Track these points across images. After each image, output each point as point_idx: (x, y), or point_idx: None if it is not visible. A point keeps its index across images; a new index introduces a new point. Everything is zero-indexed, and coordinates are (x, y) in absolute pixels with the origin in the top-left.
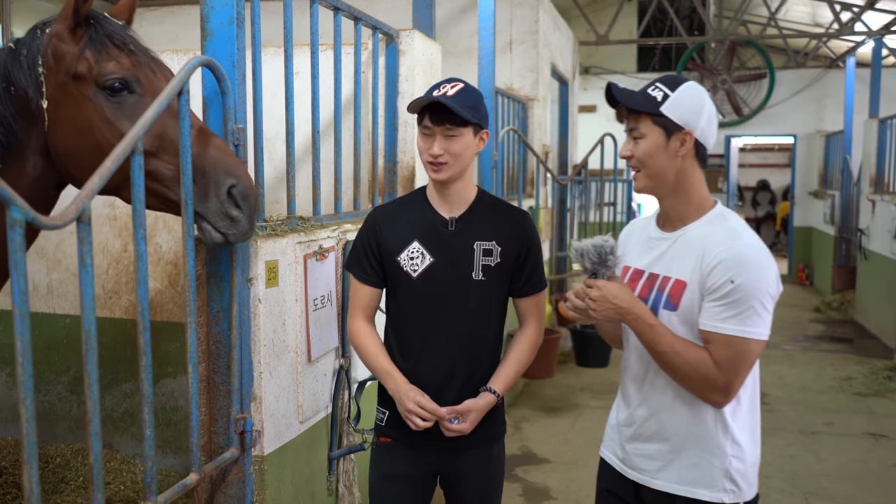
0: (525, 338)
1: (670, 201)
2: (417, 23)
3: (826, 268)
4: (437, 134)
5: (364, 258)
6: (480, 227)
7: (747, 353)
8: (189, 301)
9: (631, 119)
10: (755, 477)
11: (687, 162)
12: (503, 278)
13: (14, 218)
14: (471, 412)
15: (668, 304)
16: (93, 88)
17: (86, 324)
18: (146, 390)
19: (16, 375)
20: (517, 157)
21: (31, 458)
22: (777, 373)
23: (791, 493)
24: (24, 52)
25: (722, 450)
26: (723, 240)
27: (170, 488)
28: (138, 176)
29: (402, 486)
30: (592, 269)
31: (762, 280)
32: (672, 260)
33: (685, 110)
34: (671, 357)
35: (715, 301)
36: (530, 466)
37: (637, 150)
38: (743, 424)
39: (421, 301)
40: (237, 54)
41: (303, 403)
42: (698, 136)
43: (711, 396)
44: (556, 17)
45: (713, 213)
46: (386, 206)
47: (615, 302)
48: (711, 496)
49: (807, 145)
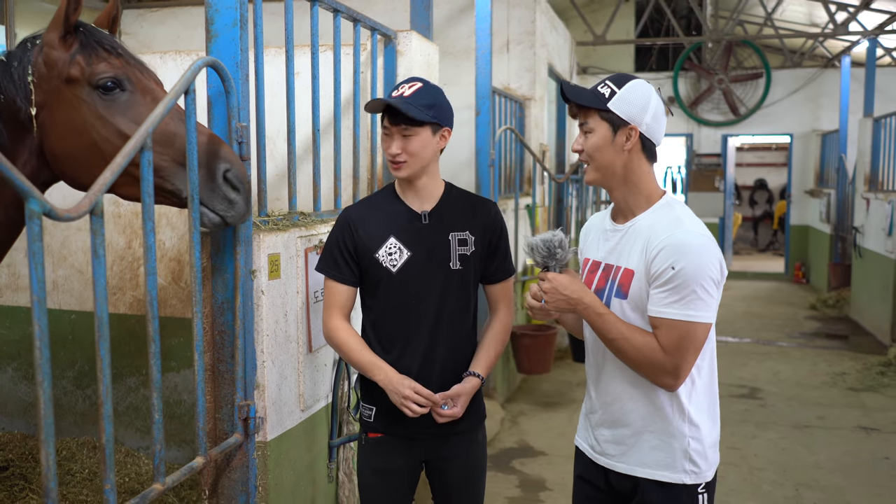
0: (499, 322)
1: (620, 193)
2: (415, 24)
3: (822, 266)
4: (395, 134)
5: (339, 258)
6: (453, 218)
7: (692, 336)
8: (195, 292)
9: (581, 114)
10: (715, 456)
11: (634, 156)
12: (477, 267)
13: (32, 210)
14: (460, 396)
15: (619, 292)
16: (86, 89)
17: (98, 311)
18: (155, 376)
19: (34, 359)
20: (514, 156)
21: (48, 438)
22: (771, 369)
23: (782, 484)
24: (15, 64)
25: (680, 431)
26: (665, 227)
27: (177, 471)
28: (147, 171)
29: (394, 478)
30: (543, 263)
31: (702, 265)
32: (623, 250)
33: (630, 106)
34: (620, 343)
35: (659, 287)
36: (527, 459)
37: (587, 144)
38: (700, 406)
39: (402, 295)
40: (241, 55)
41: (304, 392)
42: (643, 132)
43: (662, 380)
44: (553, 18)
45: (660, 202)
46: (356, 205)
47: (565, 293)
48: (672, 477)
49: (803, 144)
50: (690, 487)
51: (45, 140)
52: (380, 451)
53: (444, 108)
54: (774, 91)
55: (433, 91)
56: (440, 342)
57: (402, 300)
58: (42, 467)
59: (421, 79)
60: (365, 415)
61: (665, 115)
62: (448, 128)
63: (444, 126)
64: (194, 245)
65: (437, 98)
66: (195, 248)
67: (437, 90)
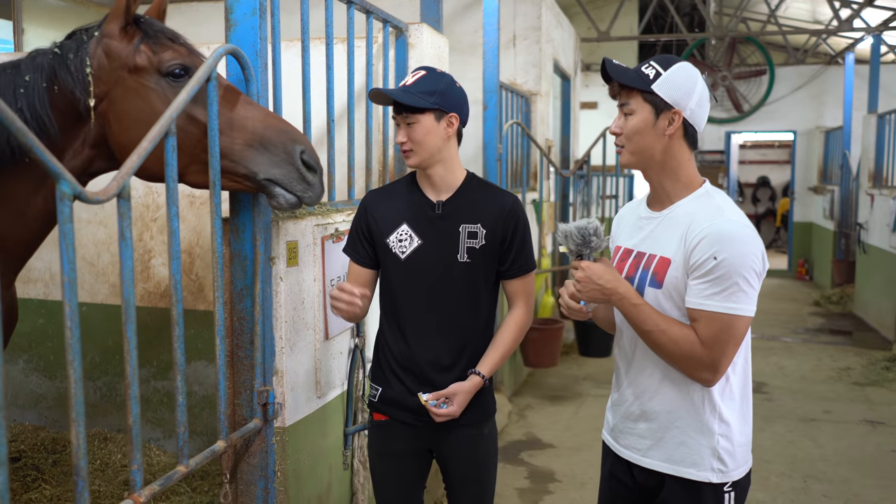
0: (512, 321)
1: (657, 179)
2: (426, 16)
3: (825, 262)
4: (401, 123)
5: (357, 240)
6: (466, 210)
7: (733, 329)
8: (216, 277)
9: (622, 94)
10: (745, 455)
11: (674, 141)
12: (489, 261)
13: (63, 192)
14: (457, 395)
15: (654, 281)
16: (154, 77)
17: (125, 293)
18: (179, 359)
19: (64, 339)
20: (521, 151)
21: (78, 417)
22: (777, 363)
23: (790, 476)
24: (71, 56)
25: (709, 428)
26: (706, 216)
27: (199, 454)
28: (172, 156)
29: (398, 462)
30: (577, 251)
31: (746, 256)
32: (658, 238)
33: (676, 89)
34: (657, 336)
35: (699, 278)
36: (535, 451)
37: (626, 126)
38: (732, 403)
39: (409, 283)
40: (260, 44)
41: (320, 379)
42: (687, 117)
43: (700, 374)
44: (559, 14)
45: (700, 191)
46: (377, 190)
47: (599, 283)
48: (698, 475)
49: (806, 141)
50: (717, 486)
51: (109, 131)
52: (384, 434)
53: (448, 94)
54: (778, 88)
55: (437, 77)
56: (446, 335)
57: (409, 288)
58: (72, 446)
59: (428, 67)
60: (371, 394)
61: (710, 101)
62: (454, 114)
63: (448, 112)
64: (216, 231)
65: (440, 84)
66: (217, 234)
67: (441, 76)
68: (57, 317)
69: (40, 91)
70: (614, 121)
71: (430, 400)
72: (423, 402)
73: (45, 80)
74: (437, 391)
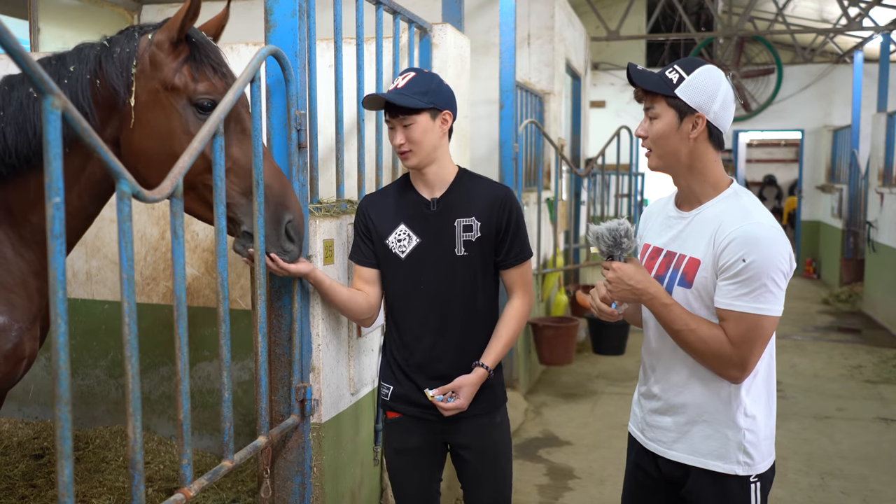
0: (511, 310)
1: (685, 181)
2: (447, 16)
3: (834, 261)
4: (397, 126)
5: (360, 242)
6: (460, 204)
7: (761, 329)
8: (259, 275)
9: (647, 99)
10: (770, 448)
11: (699, 144)
12: (486, 252)
13: (123, 191)
14: (463, 387)
15: (683, 281)
16: (183, 101)
17: (177, 290)
18: (225, 355)
19: (122, 335)
20: (534, 150)
21: (135, 411)
22: (788, 361)
23: (807, 472)
24: (118, 51)
25: (736, 423)
26: (735, 219)
27: (242, 449)
28: (220, 156)
29: (415, 458)
30: (608, 252)
31: (773, 258)
32: (688, 238)
33: (699, 94)
34: (686, 335)
35: (728, 279)
36: (553, 448)
37: (651, 130)
38: (758, 397)
39: (410, 281)
40: (299, 44)
41: (353, 376)
42: (711, 120)
43: (728, 372)
44: (570, 13)
45: (728, 192)
46: (373, 193)
47: (630, 283)
48: (724, 468)
49: (814, 140)
50: (742, 479)
51: (128, 133)
52: (398, 431)
53: (440, 93)
54: (786, 87)
55: (427, 77)
56: (448, 329)
57: (409, 286)
58: (129, 439)
59: (415, 68)
60: (383, 393)
61: (734, 102)
62: (448, 111)
63: (442, 110)
64: (258, 229)
65: (432, 83)
66: (259, 231)
67: (431, 76)
68: (78, 315)
69: (83, 82)
70: (640, 124)
71: (437, 395)
72: (430, 398)
73: (88, 72)
74: (443, 386)
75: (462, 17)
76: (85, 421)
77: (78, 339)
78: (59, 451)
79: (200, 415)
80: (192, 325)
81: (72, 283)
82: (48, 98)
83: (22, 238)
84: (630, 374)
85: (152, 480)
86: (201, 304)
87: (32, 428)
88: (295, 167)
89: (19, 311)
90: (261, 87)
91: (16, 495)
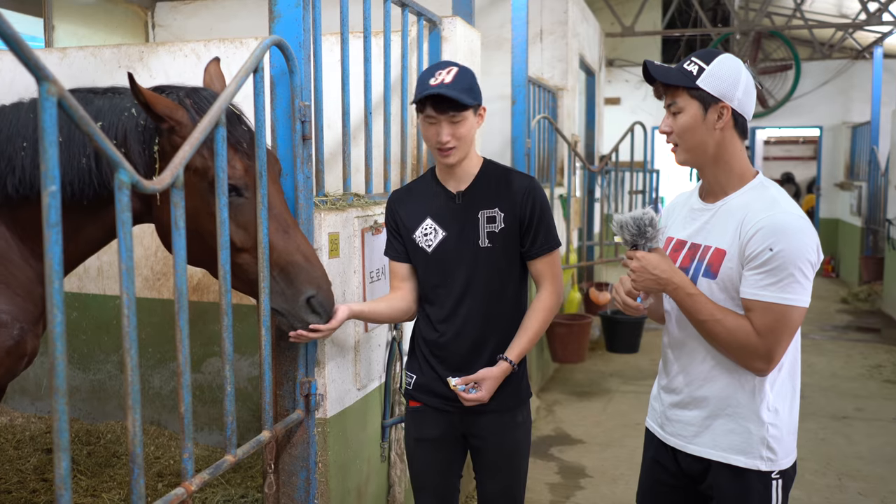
0: (539, 304)
1: (712, 173)
2: (457, 10)
3: (852, 259)
4: (443, 121)
5: (392, 238)
6: (484, 196)
7: (787, 320)
8: (262, 269)
9: (668, 95)
10: (793, 444)
11: (726, 133)
12: (511, 244)
13: (122, 180)
14: (485, 380)
15: (708, 272)
16: (204, 184)
17: (178, 283)
18: (228, 349)
19: (121, 327)
20: (547, 146)
21: (134, 404)
22: (806, 361)
23: (825, 473)
24: (143, 124)
25: (759, 417)
26: (762, 208)
27: (246, 443)
28: (221, 146)
29: (433, 448)
30: (632, 241)
31: (801, 247)
32: (713, 229)
33: (721, 82)
34: (711, 325)
35: (755, 269)
36: (565, 447)
37: (675, 125)
38: (782, 391)
39: (437, 273)
40: (303, 35)
41: (360, 371)
42: (736, 108)
43: (754, 364)
44: (584, 9)
45: (754, 182)
46: (399, 189)
47: (655, 273)
48: (747, 462)
49: (833, 137)
50: (764, 474)
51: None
52: (419, 420)
53: (478, 88)
54: (804, 83)
55: (469, 72)
56: (474, 321)
57: (437, 279)
58: (129, 433)
59: (452, 62)
60: (406, 382)
61: (755, 89)
62: (484, 106)
63: (481, 105)
64: (262, 222)
65: (473, 79)
66: (263, 224)
67: (470, 71)
68: (90, 309)
69: None
70: (663, 121)
71: (459, 384)
72: (452, 387)
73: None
74: (466, 376)
75: (472, 10)
76: (96, 416)
77: (89, 335)
78: (56, 444)
79: (210, 410)
80: (202, 320)
81: (83, 278)
82: (44, 84)
83: (33, 251)
84: (644, 373)
85: (162, 475)
86: (212, 300)
87: (45, 422)
88: (299, 159)
89: (23, 312)
90: (264, 78)
91: (27, 489)
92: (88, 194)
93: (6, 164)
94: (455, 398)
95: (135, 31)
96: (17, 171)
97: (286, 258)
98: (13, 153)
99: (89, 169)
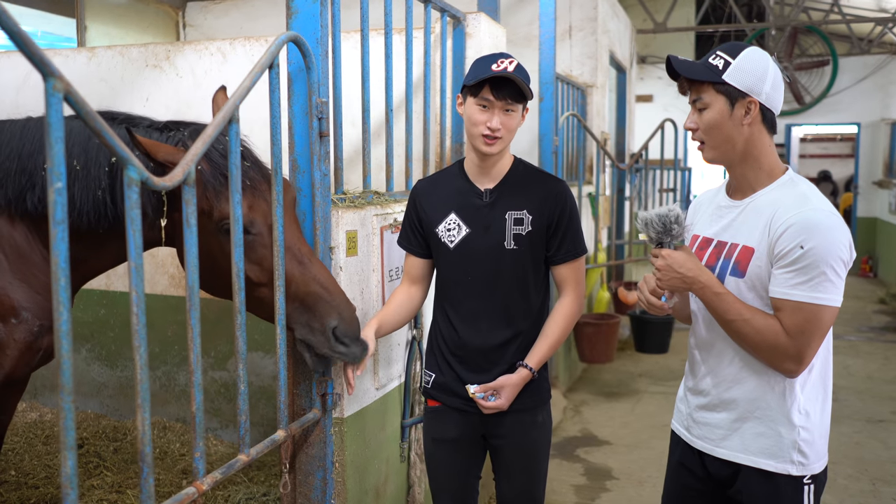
0: (560, 310)
1: (740, 169)
2: (483, 5)
3: (891, 259)
4: (497, 108)
5: (409, 230)
6: (513, 196)
7: (818, 319)
8: (278, 267)
9: (693, 90)
10: (824, 448)
11: (754, 129)
12: (537, 247)
13: (131, 177)
14: (505, 388)
15: (736, 270)
16: (213, 225)
17: (189, 281)
18: (241, 347)
19: (130, 325)
20: (576, 144)
21: (143, 403)
22: (841, 363)
23: (858, 478)
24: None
25: (790, 420)
26: (792, 205)
27: (260, 442)
28: (235, 143)
29: (452, 449)
30: (658, 239)
31: (833, 245)
32: (741, 227)
33: (748, 76)
34: (740, 325)
35: (784, 267)
36: (591, 448)
37: (701, 122)
38: (814, 394)
39: (459, 271)
40: (321, 31)
41: (378, 371)
42: (763, 102)
43: (784, 365)
44: (615, 5)
45: (783, 178)
46: (425, 179)
47: (681, 271)
48: (777, 467)
49: (871, 134)
50: (796, 479)
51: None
52: (438, 420)
53: None
54: (841, 79)
55: (525, 70)
56: (496, 322)
57: (457, 276)
58: (138, 432)
59: (509, 54)
60: (425, 381)
61: (784, 82)
62: (527, 107)
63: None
64: (277, 220)
65: (528, 76)
66: (278, 223)
67: (526, 70)
68: (118, 307)
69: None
70: (688, 117)
71: (478, 392)
72: (471, 395)
73: None
74: (485, 384)
75: (498, 6)
76: (124, 412)
77: (117, 332)
78: (62, 443)
79: (229, 409)
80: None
81: (111, 276)
82: (50, 80)
83: None
84: (674, 374)
85: (187, 473)
86: None
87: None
88: (316, 156)
89: (42, 310)
90: (279, 74)
91: (54, 484)
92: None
93: (27, 180)
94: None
95: (166, 30)
96: (37, 188)
97: (304, 289)
98: (34, 170)
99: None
